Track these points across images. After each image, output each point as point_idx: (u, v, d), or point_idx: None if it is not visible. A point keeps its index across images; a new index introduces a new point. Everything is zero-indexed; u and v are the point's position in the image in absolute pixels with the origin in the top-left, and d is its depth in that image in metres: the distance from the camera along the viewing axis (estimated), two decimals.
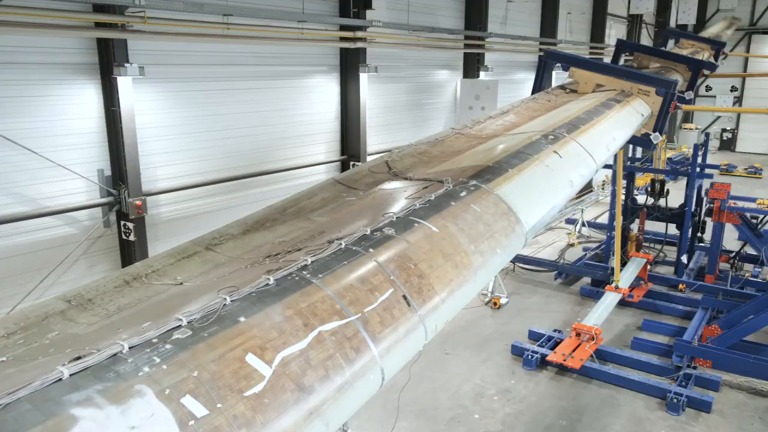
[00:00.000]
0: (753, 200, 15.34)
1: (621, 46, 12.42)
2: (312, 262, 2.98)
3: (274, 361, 2.36)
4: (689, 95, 10.78)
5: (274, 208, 4.26)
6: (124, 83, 8.33)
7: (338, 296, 2.83)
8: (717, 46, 16.44)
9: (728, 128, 38.62)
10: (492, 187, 4.38)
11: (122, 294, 3.02)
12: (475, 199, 4.14)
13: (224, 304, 2.51)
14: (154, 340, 2.19)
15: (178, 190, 9.57)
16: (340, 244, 3.20)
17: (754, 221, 14.38)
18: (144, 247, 8.78)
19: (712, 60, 15.94)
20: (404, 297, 3.09)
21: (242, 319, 2.45)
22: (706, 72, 13.63)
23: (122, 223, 8.75)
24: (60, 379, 1.87)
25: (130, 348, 2.11)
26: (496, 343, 11.79)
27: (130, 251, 8.76)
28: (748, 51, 37.64)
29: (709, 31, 23.67)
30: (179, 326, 2.31)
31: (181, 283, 3.13)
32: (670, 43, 16.58)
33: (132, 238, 8.69)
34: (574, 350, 10.61)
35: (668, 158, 26.68)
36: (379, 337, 2.82)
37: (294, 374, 2.39)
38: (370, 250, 3.20)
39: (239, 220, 4.10)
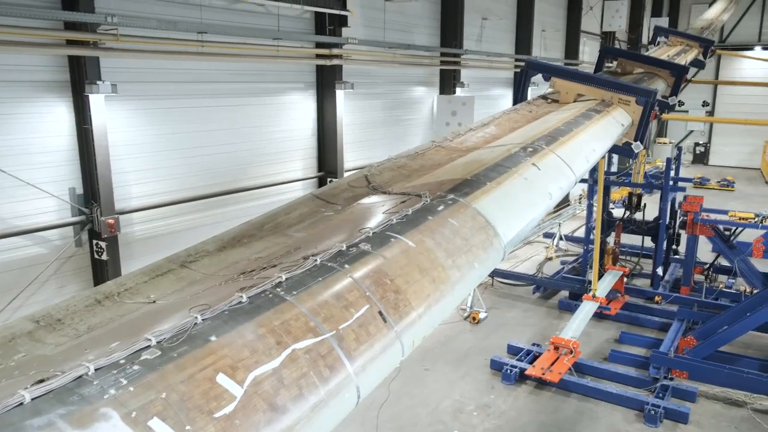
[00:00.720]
0: (725, 212, 15.57)
1: (605, 52, 12.50)
2: (286, 278, 2.95)
3: (246, 380, 2.32)
4: (673, 100, 10.78)
5: (252, 224, 4.22)
6: (96, 101, 8.23)
7: (313, 313, 2.79)
8: (706, 43, 16.24)
9: (701, 142, 39.45)
10: (470, 200, 4.37)
11: (93, 313, 2.95)
12: (452, 213, 4.13)
13: (195, 323, 2.46)
14: (122, 361, 2.14)
15: (153, 208, 9.46)
16: (316, 260, 3.17)
17: (727, 233, 14.62)
18: (117, 266, 8.63)
19: (700, 58, 15.81)
20: (380, 313, 3.06)
21: (213, 338, 2.41)
22: (688, 77, 13.61)
23: (94, 242, 8.60)
24: (21, 404, 1.81)
25: (96, 370, 2.05)
26: (475, 358, 11.77)
27: (103, 271, 8.60)
28: (718, 67, 38.59)
29: (705, 17, 22.72)
30: (148, 346, 2.26)
31: (154, 302, 3.07)
32: (662, 40, 16.38)
33: (104, 257, 8.54)
34: (553, 364, 10.63)
35: (644, 172, 27.09)
36: (355, 354, 2.78)
37: (266, 394, 2.34)
38: (346, 266, 3.17)
39: (215, 237, 4.04)
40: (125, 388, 2.01)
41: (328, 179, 12.37)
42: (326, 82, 12.35)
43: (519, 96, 9.04)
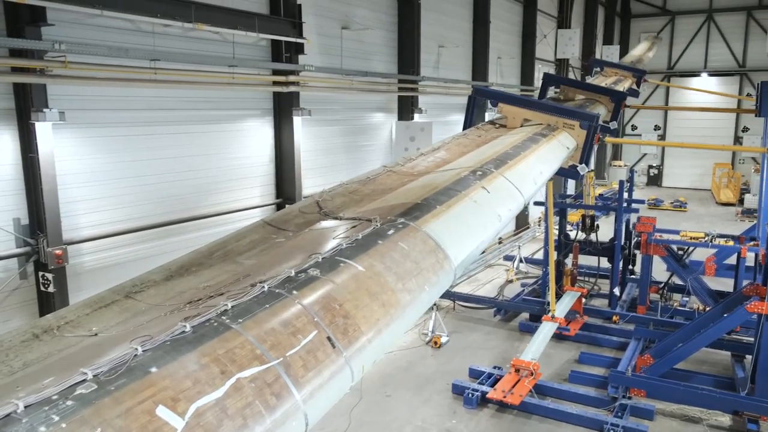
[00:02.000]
0: (678, 232, 16.01)
1: (548, 81, 12.92)
2: (232, 306, 2.90)
3: (188, 412, 2.26)
4: (614, 125, 11.23)
5: (200, 253, 4.15)
6: (42, 129, 8.02)
7: (259, 341, 2.74)
8: (639, 73, 17.29)
9: (654, 165, 40.67)
10: (420, 224, 4.39)
11: (29, 349, 2.85)
12: (402, 237, 4.14)
13: (135, 355, 2.39)
14: (54, 397, 2.06)
15: (104, 238, 9.23)
16: (263, 287, 3.13)
17: (680, 252, 15.00)
18: (65, 298, 8.36)
19: (634, 87, 16.73)
20: (329, 338, 3.03)
21: (154, 369, 2.34)
22: (627, 103, 14.30)
23: (41, 274, 8.33)
24: None
25: (26, 407, 1.97)
26: (437, 383, 11.73)
27: (50, 303, 8.31)
28: (668, 92, 40.06)
29: (633, 54, 24.67)
30: (84, 380, 2.18)
31: (95, 335, 2.99)
32: (597, 70, 17.30)
33: (51, 289, 8.26)
34: (514, 386, 10.66)
35: (599, 194, 27.74)
36: (302, 381, 2.74)
37: (209, 425, 2.28)
38: (294, 292, 3.14)
39: (162, 266, 3.97)
40: (57, 425, 1.94)
41: (287, 206, 12.29)
42: (283, 108, 12.35)
43: (469, 122, 9.22)
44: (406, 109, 16.93)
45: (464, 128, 8.88)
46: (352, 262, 3.60)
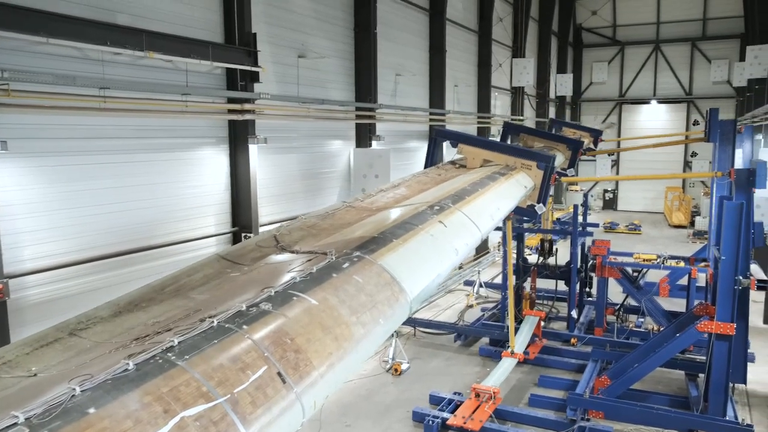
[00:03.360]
0: (632, 254, 16.37)
1: (508, 129, 13.41)
2: (179, 342, 2.84)
3: None
4: (571, 172, 11.70)
5: (151, 287, 4.07)
6: None
7: (205, 377, 2.68)
8: (596, 133, 18.66)
9: (609, 189, 41.73)
10: (375, 257, 4.39)
11: None
12: (357, 270, 4.13)
13: (73, 395, 2.30)
14: None
15: (50, 270, 8.92)
16: (212, 322, 3.08)
17: (635, 274, 15.33)
18: (5, 334, 8.00)
19: (591, 146, 17.93)
20: (279, 374, 2.98)
21: (92, 410, 2.26)
22: (584, 150, 15.10)
23: None
24: None
25: None
26: (398, 411, 11.63)
27: None
28: (619, 119, 41.36)
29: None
30: (15, 424, 2.09)
31: (34, 375, 2.87)
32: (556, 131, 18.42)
33: None
34: (474, 412, 10.65)
35: (557, 218, 28.28)
36: (250, 418, 2.68)
37: None
38: (244, 327, 3.10)
39: (111, 302, 3.87)
40: None
41: (243, 234, 12.15)
42: (239, 136, 12.27)
43: (430, 161, 9.41)
44: (364, 136, 17.03)
45: (425, 167, 9.05)
46: (305, 296, 3.58)
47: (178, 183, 11.16)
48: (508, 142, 12.74)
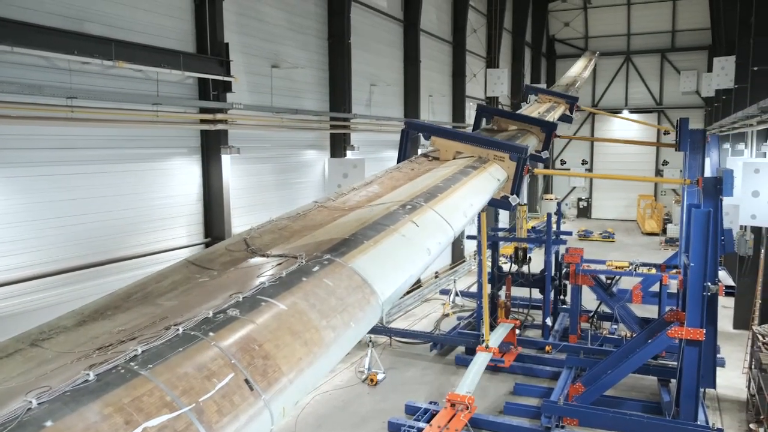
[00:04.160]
0: (603, 262, 16.54)
1: (481, 111, 13.23)
2: (142, 351, 2.76)
3: None
4: (545, 154, 11.57)
5: (117, 295, 3.96)
6: None
7: (170, 386, 2.61)
8: (571, 100, 17.76)
9: (584, 197, 42.27)
10: (346, 260, 4.34)
11: None
12: (328, 274, 4.08)
13: (29, 408, 2.23)
14: None
15: (13, 284, 8.68)
16: (178, 329, 3.00)
17: (608, 282, 15.49)
18: None
19: (567, 113, 17.15)
20: (246, 381, 2.92)
21: (49, 423, 2.18)
22: (558, 133, 14.81)
23: None
24: None
25: None
26: (373, 422, 11.56)
27: None
28: (592, 128, 42.06)
29: (570, 72, 25.31)
30: None
31: None
32: (533, 97, 17.78)
33: None
34: (450, 421, 10.62)
35: (532, 227, 28.50)
36: (216, 427, 2.62)
37: None
38: (210, 334, 3.03)
39: (75, 311, 3.76)
40: None
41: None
42: (211, 146, 12.17)
43: (402, 155, 9.34)
44: (339, 146, 17.02)
45: (398, 161, 8.98)
46: (274, 301, 3.52)
47: (148, 194, 11.01)
48: (483, 125, 12.59)
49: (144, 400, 2.48)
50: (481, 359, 12.35)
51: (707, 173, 15.36)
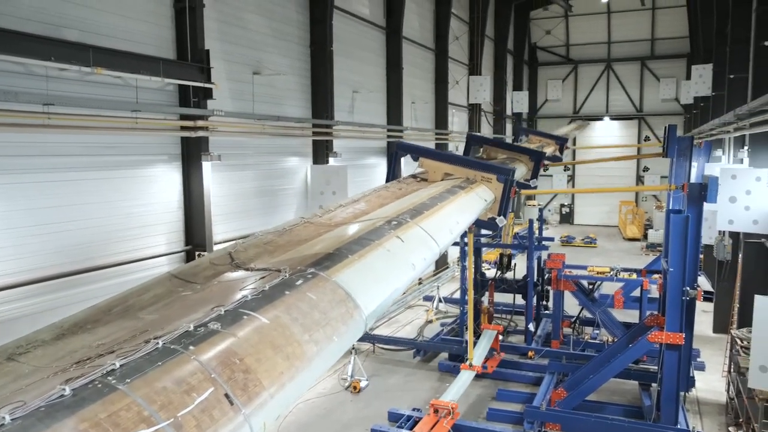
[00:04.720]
0: (585, 268, 16.67)
1: (470, 140, 13.48)
2: (121, 365, 2.72)
3: None
4: (534, 183, 11.82)
5: (98, 308, 3.92)
6: None
7: (147, 401, 2.57)
8: (561, 141, 18.63)
9: (566, 203, 42.60)
10: (330, 274, 4.33)
11: None
12: (311, 287, 4.06)
13: (1, 424, 2.18)
14: None
15: None
16: (157, 343, 2.97)
17: (590, 287, 15.60)
18: None
19: (557, 153, 17.95)
20: (226, 395, 2.89)
21: None
22: (546, 162, 15.19)
23: None
24: None
25: None
26: (356, 429, 11.52)
27: None
28: (574, 138, 42.37)
29: (561, 130, 27.39)
30: None
31: None
32: (523, 138, 18.42)
33: None
34: (433, 428, 10.60)
35: (516, 233, 28.64)
36: None
37: None
38: (191, 347, 2.99)
39: (53, 324, 3.70)
40: None
41: (197, 253, 11.91)
42: (192, 153, 12.07)
43: (391, 175, 9.46)
44: (321, 153, 16.98)
45: (387, 181, 9.08)
46: (256, 314, 3.49)
47: (128, 201, 10.89)
48: (471, 153, 12.77)
49: (121, 415, 2.44)
50: (464, 377, 12.31)
51: (692, 179, 15.54)
